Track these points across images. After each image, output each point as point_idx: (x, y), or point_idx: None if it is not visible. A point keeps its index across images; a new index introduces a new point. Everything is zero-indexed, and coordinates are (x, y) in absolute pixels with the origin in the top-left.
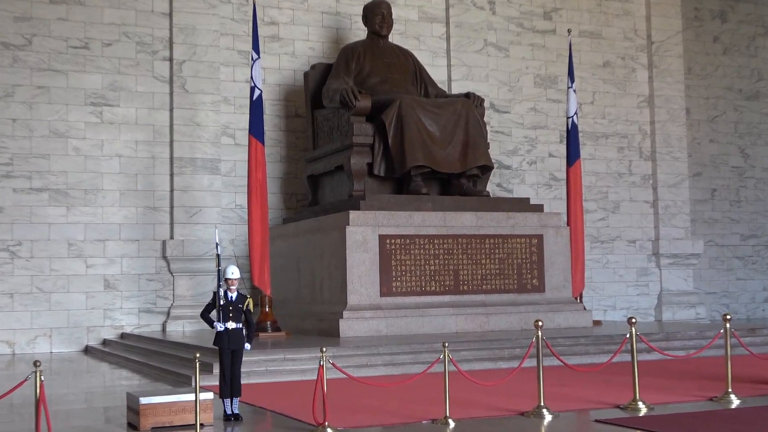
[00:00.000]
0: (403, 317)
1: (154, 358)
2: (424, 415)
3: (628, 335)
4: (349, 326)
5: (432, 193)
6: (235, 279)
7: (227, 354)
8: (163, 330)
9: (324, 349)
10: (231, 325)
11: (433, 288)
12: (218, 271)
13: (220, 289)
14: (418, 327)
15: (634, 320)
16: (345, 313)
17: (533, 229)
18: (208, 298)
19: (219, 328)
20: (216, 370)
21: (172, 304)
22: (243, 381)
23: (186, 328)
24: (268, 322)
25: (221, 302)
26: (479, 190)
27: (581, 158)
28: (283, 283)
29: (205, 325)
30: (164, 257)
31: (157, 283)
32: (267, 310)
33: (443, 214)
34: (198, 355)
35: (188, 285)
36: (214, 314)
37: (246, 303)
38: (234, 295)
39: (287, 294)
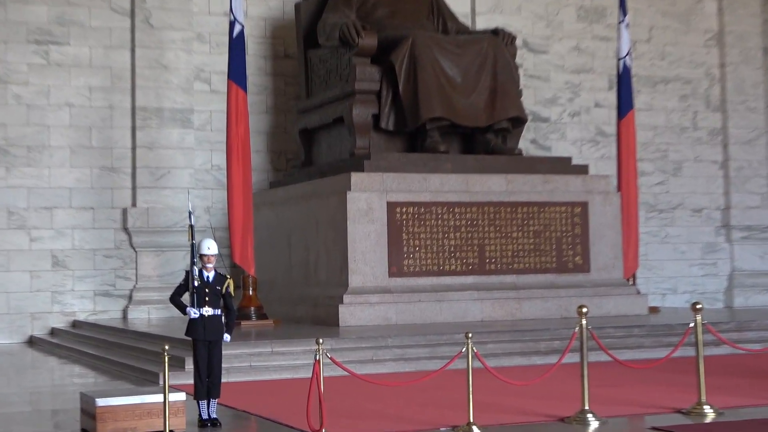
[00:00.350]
0: (416, 302)
1: (113, 351)
2: (443, 421)
3: (691, 325)
4: (350, 313)
5: (452, 152)
6: (212, 255)
7: (203, 346)
8: (124, 317)
9: (321, 341)
10: (207, 311)
11: (453, 267)
12: (191, 245)
13: (194, 268)
14: (435, 314)
15: (699, 306)
16: (346, 298)
17: (576, 195)
18: (179, 279)
19: (193, 315)
20: (189, 365)
21: (134, 286)
22: (223, 379)
23: (152, 315)
24: (253, 308)
25: (195, 283)
26: (510, 148)
27: (635, 109)
28: (271, 261)
29: (176, 311)
30: (125, 229)
31: (116, 260)
32: (251, 293)
33: (465, 176)
34: (167, 347)
35: (154, 263)
36: (186, 298)
37: (225, 285)
38: (211, 274)
39: (275, 274)
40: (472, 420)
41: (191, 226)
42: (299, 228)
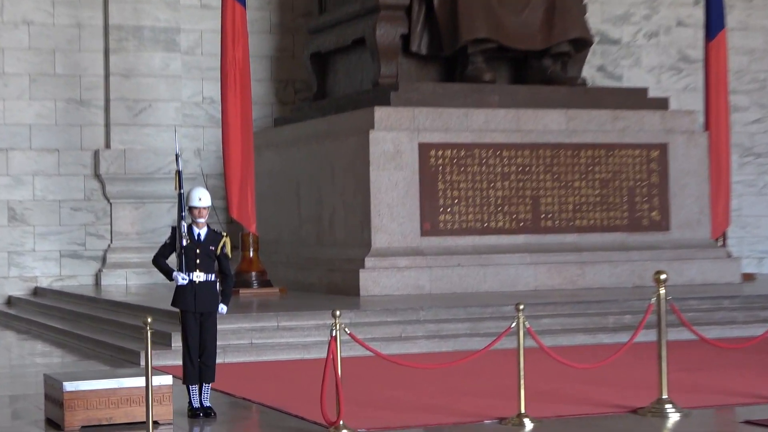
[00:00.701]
0: (454, 267)
1: (83, 324)
2: (487, 412)
3: None
4: (374, 280)
5: (499, 81)
6: (204, 208)
7: (193, 320)
8: (97, 284)
9: (337, 314)
10: (198, 276)
11: (500, 224)
12: (179, 196)
13: (182, 224)
14: (478, 282)
15: None
16: (368, 261)
17: (653, 135)
18: (164, 237)
19: (181, 281)
20: (177, 343)
21: (109, 246)
22: (218, 360)
23: (131, 280)
24: (254, 274)
25: (184, 243)
26: (571, 77)
27: (727, 28)
28: (276, 215)
29: (160, 276)
30: (97, 176)
31: (86, 214)
32: (251, 255)
33: (516, 112)
34: (150, 320)
35: (133, 217)
36: (173, 261)
37: (220, 244)
38: (203, 232)
39: (281, 232)
40: (523, 411)
41: (178, 173)
42: (310, 175)
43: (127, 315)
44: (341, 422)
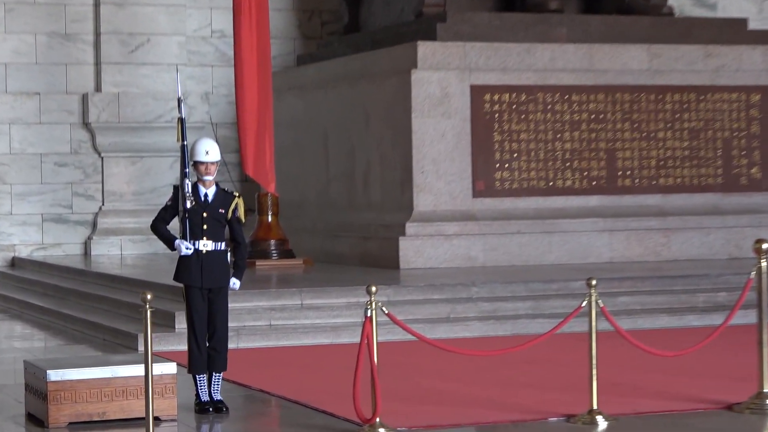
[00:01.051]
0: (513, 235)
1: (70, 302)
2: (553, 408)
3: None
4: (416, 250)
5: (568, 10)
6: (213, 163)
7: (200, 297)
8: (86, 254)
9: (373, 290)
10: (206, 245)
11: (568, 183)
12: (182, 149)
13: (186, 182)
14: (542, 252)
15: None
16: (410, 227)
17: (754, 75)
18: (165, 198)
19: (184, 251)
20: (181, 324)
21: (100, 209)
22: (230, 345)
23: (127, 250)
24: (273, 242)
25: (188, 204)
26: (655, 5)
27: None
28: (299, 173)
29: (162, 245)
30: (86, 125)
31: (73, 170)
32: (270, 220)
33: (588, 48)
34: (149, 297)
35: (129, 174)
36: (175, 227)
37: (232, 206)
38: (210, 191)
39: (305, 193)
40: (595, 407)
41: (181, 121)
42: (341, 124)
43: (122, 291)
44: (377, 420)
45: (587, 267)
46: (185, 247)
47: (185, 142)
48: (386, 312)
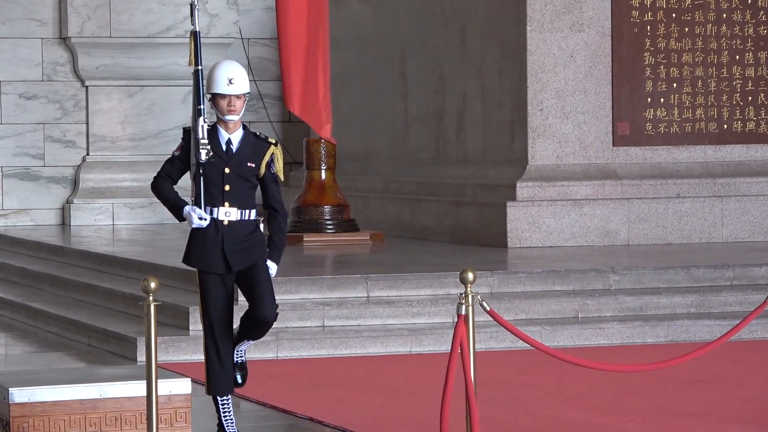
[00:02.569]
0: (670, 200)
1: (42, 293)
2: None
3: None
4: (531, 221)
5: None
6: (238, 97)
7: (221, 288)
8: (64, 223)
9: (470, 278)
10: (229, 213)
11: (750, 126)
12: (197, 75)
13: (201, 123)
14: (711, 225)
15: None
16: (522, 188)
17: None
18: (175, 145)
19: (197, 222)
20: (197, 326)
21: (84, 160)
22: (267, 354)
23: (121, 218)
24: (327, 209)
25: (203, 156)
26: None
27: None
28: (366, 112)
29: (165, 213)
30: (63, 40)
31: (46, 105)
32: (324, 178)
33: None
34: (154, 286)
35: (124, 111)
36: (185, 187)
37: (266, 157)
38: (236, 137)
39: (374, 140)
40: None
41: (195, 35)
42: (425, 43)
43: (115, 277)
44: None
45: None
46: (198, 217)
47: (200, 67)
48: (488, 309)
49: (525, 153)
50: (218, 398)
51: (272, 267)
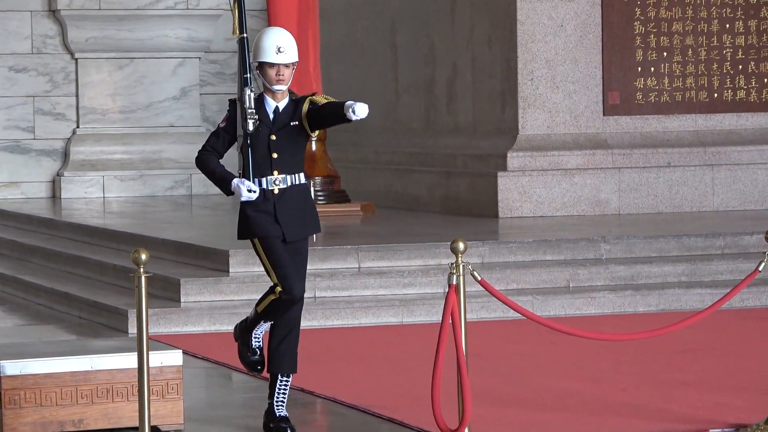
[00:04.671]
0: (661, 169)
1: (32, 266)
2: (716, 416)
3: None
4: (522, 191)
5: None
6: (287, 66)
7: (280, 244)
8: (55, 196)
9: (461, 248)
10: (278, 180)
11: (740, 95)
12: (242, 44)
13: (248, 93)
14: (701, 194)
15: None
16: (513, 158)
17: None
18: (167, 117)
19: (246, 195)
20: (189, 296)
21: (74, 133)
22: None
23: (112, 191)
24: (318, 180)
25: (250, 126)
26: None
27: None
28: (355, 82)
29: (160, 186)
30: (52, 12)
31: (35, 78)
32: (314, 149)
33: None
34: (144, 258)
35: (115, 83)
36: (231, 163)
37: (305, 106)
38: (282, 105)
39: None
40: None
41: (239, 1)
42: (415, 13)
43: (105, 250)
44: (466, 431)
45: (766, 215)
46: (247, 189)
47: (245, 35)
48: (479, 279)
49: (515, 123)
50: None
51: (363, 108)
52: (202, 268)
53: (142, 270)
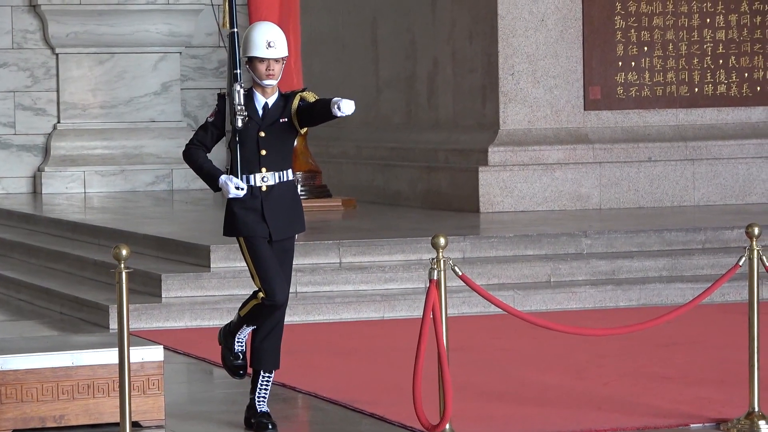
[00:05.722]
0: (642, 164)
1: (13, 261)
2: (697, 410)
3: None
4: (503, 186)
5: None
6: (277, 60)
7: (265, 244)
8: (35, 191)
9: (442, 243)
10: (266, 178)
11: (721, 89)
12: (232, 38)
13: (237, 87)
14: (682, 189)
15: None
16: (494, 152)
17: None
18: (148, 113)
19: (234, 192)
20: (170, 292)
21: (55, 128)
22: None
23: (93, 187)
24: (299, 175)
25: (239, 122)
26: None
27: None
28: (336, 76)
29: (141, 180)
30: (33, 7)
31: (16, 74)
32: (295, 144)
33: None
34: (125, 253)
35: (94, 78)
36: (219, 157)
37: (295, 102)
38: (272, 101)
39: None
40: (757, 408)
41: None
42: (396, 7)
43: (86, 245)
44: (447, 426)
45: (747, 209)
46: (234, 186)
47: (236, 29)
48: (460, 274)
49: (496, 118)
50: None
51: (348, 104)
52: (183, 263)
53: (122, 265)
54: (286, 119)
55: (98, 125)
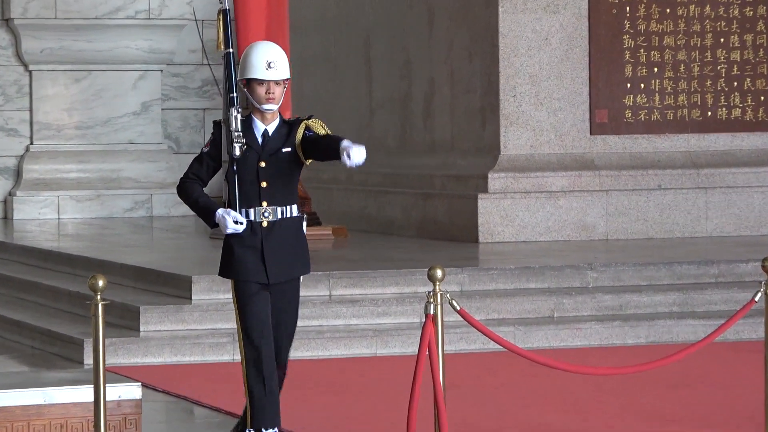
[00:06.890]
0: (651, 192)
1: None
2: None
3: None
4: (504, 214)
5: None
6: (279, 83)
7: (262, 297)
8: (6, 217)
9: (439, 275)
10: (267, 212)
11: (736, 113)
12: (228, 59)
13: (234, 114)
14: (694, 219)
15: None
16: (494, 179)
17: None
18: (127, 134)
19: (232, 227)
20: (149, 326)
21: (27, 150)
22: (223, 357)
23: (68, 213)
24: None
25: (237, 151)
26: None
27: None
28: (328, 98)
29: (119, 207)
30: (5, 21)
31: None
32: None
33: None
34: (102, 284)
35: (70, 97)
36: (218, 189)
37: (300, 131)
38: (272, 127)
39: (338, 127)
40: None
41: (225, 14)
42: (391, 26)
43: (60, 275)
44: None
45: (763, 241)
46: (233, 221)
47: (232, 50)
48: (458, 308)
49: (497, 142)
50: (263, 431)
51: (359, 150)
52: (163, 294)
53: (99, 297)
54: (290, 149)
55: (74, 147)
